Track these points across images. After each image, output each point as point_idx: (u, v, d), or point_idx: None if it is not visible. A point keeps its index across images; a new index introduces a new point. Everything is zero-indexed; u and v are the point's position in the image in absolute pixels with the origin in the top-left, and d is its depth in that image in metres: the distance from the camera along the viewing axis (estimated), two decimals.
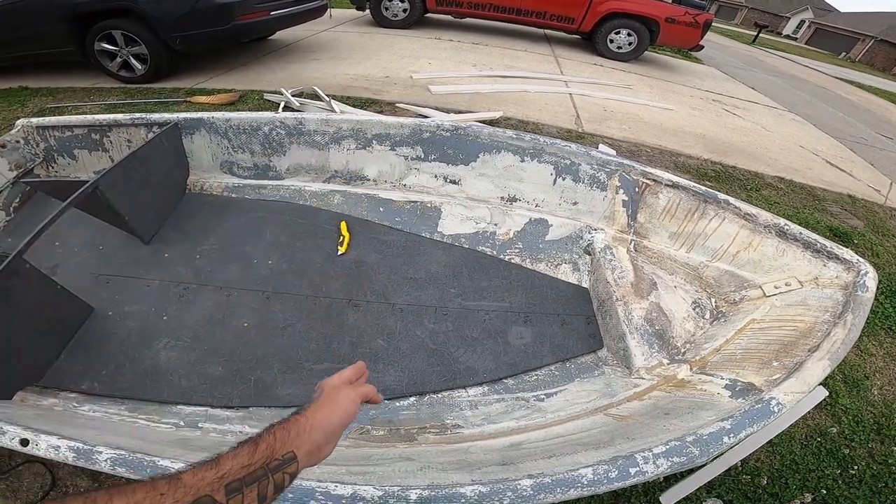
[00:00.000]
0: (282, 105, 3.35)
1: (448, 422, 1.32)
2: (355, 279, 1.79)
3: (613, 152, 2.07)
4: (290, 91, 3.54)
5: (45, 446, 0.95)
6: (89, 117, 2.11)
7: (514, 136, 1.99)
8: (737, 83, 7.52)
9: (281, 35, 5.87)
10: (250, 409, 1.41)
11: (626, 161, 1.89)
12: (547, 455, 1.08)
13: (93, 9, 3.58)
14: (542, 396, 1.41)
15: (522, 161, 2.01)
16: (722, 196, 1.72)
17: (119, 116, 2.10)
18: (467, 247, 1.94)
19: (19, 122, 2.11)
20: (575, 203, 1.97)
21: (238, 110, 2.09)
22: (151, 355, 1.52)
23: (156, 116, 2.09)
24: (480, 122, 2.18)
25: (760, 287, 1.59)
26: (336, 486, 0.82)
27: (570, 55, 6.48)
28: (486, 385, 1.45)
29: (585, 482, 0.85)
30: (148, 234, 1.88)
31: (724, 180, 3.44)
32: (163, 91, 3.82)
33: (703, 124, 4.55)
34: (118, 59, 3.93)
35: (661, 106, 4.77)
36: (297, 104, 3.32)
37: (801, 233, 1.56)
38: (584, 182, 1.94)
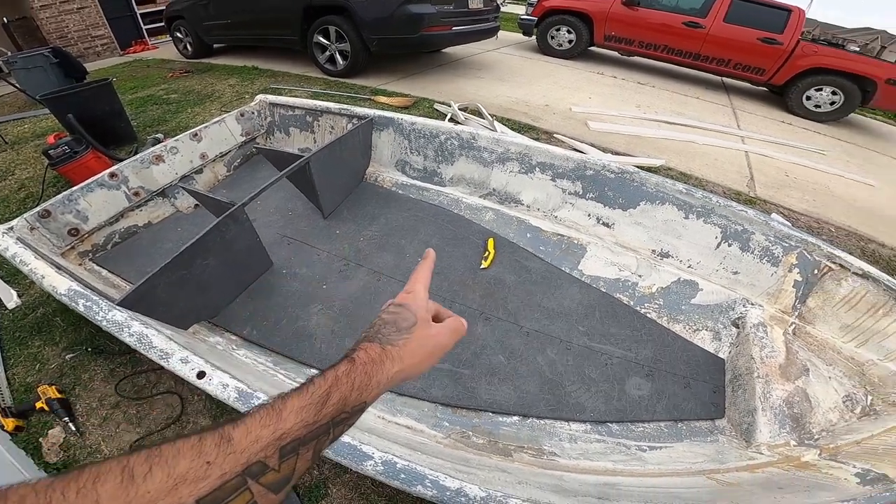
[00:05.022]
0: (448, 116, 3.61)
1: (545, 448, 1.34)
2: (491, 295, 1.83)
3: (789, 224, 1.80)
4: (457, 105, 3.79)
5: (216, 382, 0.99)
6: (309, 101, 2.52)
7: (684, 189, 1.86)
8: None
9: (451, 50, 6.32)
10: None
11: (810, 238, 1.67)
12: (643, 500, 1.09)
13: (322, 2, 4.35)
14: (646, 448, 1.37)
15: (686, 218, 1.88)
16: None
17: (330, 105, 2.46)
18: (604, 290, 1.88)
19: (258, 97, 2.62)
20: (735, 273, 1.81)
21: (410, 114, 2.31)
22: (305, 317, 1.70)
23: (357, 110, 2.40)
24: (638, 167, 2.07)
25: None
26: (445, 478, 0.86)
27: (751, 108, 5.65)
28: (590, 424, 1.44)
29: None
30: (328, 209, 2.15)
31: None
32: (353, 86, 4.40)
33: None
34: (327, 53, 4.69)
35: (859, 179, 3.94)
36: (463, 118, 3.53)
37: None
38: (752, 253, 1.77)
